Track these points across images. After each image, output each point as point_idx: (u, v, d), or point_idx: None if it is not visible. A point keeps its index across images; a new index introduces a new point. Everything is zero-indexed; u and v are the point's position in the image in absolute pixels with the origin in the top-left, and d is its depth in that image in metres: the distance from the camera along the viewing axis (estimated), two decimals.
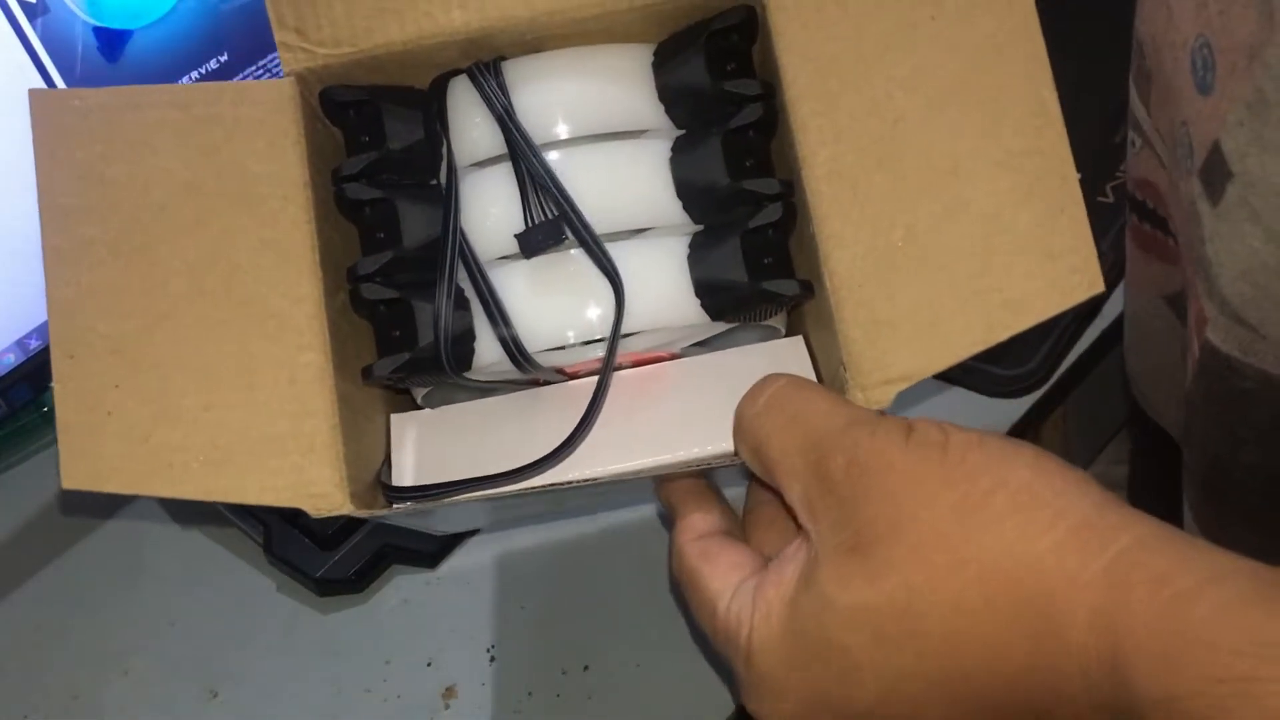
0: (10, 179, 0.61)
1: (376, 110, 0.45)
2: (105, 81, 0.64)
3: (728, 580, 0.39)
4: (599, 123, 0.44)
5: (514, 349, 0.43)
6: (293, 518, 0.66)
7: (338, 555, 0.64)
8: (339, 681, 0.62)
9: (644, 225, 0.44)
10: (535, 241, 0.43)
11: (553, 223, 0.43)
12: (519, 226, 0.43)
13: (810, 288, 0.43)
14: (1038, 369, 0.68)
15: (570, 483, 0.43)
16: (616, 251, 0.43)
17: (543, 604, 0.63)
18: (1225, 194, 0.40)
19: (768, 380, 0.40)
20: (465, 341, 0.43)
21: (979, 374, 0.69)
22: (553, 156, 0.43)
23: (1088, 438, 0.87)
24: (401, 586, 0.65)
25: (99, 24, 0.63)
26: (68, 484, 0.41)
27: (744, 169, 0.44)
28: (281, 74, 0.44)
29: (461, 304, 0.43)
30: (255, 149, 0.43)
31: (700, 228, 0.44)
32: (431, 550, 0.65)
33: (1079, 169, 0.40)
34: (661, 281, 0.43)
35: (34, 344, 0.65)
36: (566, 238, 0.43)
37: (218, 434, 0.41)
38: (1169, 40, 0.43)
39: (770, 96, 0.44)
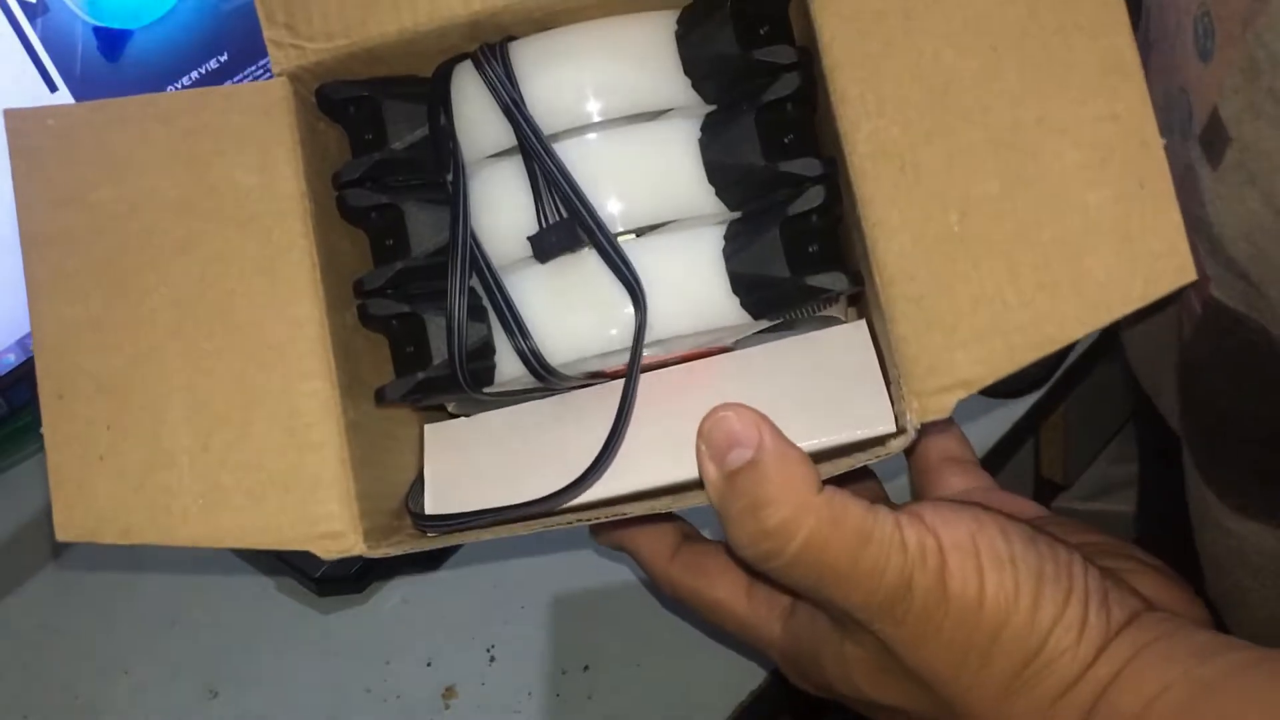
0: (8, 178, 0.59)
1: (377, 106, 0.39)
2: (105, 81, 0.60)
3: (728, 586, 0.41)
4: (619, 104, 0.37)
5: (534, 363, 0.37)
6: None
7: None
8: (339, 681, 0.58)
9: (673, 216, 0.38)
10: (549, 244, 0.37)
11: (566, 224, 0.36)
12: (533, 225, 0.37)
13: (861, 279, 0.36)
14: (1038, 369, 0.65)
15: (616, 498, 0.37)
16: (643, 247, 0.37)
17: (543, 604, 0.60)
18: (1224, 158, 0.39)
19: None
20: (484, 356, 0.38)
21: None
22: (569, 145, 0.37)
23: (1088, 438, 0.86)
24: (401, 586, 0.62)
25: (99, 24, 0.60)
26: (61, 536, 0.37)
27: (782, 147, 0.37)
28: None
29: (478, 314, 0.37)
30: (246, 161, 0.37)
31: (737, 215, 0.38)
32: (431, 550, 0.64)
33: None
34: (694, 280, 0.37)
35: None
36: (583, 241, 0.37)
37: (216, 474, 0.37)
38: (1175, 4, 0.43)
39: (808, 64, 0.37)
